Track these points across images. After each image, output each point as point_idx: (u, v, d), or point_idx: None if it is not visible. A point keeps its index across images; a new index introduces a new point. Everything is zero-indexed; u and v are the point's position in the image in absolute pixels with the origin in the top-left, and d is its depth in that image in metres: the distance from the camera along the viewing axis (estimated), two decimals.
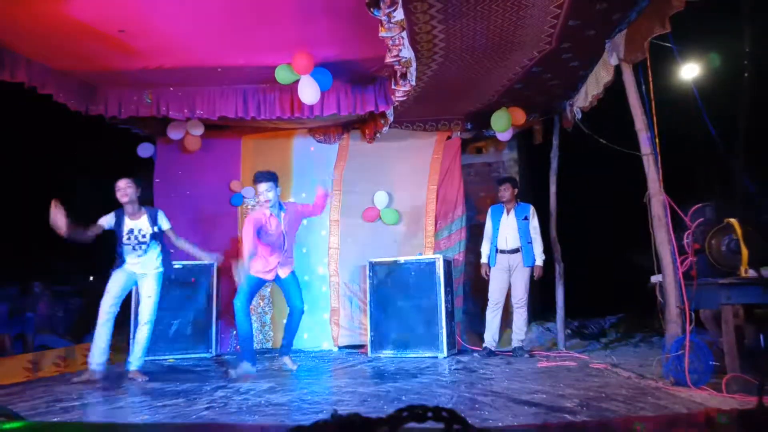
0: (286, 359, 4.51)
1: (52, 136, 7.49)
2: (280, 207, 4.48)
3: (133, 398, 3.45)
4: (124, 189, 4.24)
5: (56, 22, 3.91)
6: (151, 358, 5.40)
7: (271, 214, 4.42)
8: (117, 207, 4.34)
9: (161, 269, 4.41)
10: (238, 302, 4.27)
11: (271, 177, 4.35)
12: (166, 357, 5.35)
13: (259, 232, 4.38)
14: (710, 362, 3.21)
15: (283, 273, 4.50)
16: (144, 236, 4.31)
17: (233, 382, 3.89)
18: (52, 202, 3.95)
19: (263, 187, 4.31)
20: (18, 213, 7.78)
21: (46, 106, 4.92)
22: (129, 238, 4.29)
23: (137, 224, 4.31)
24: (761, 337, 3.40)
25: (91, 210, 4.34)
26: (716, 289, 3.25)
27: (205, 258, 4.60)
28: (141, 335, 4.29)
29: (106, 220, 4.30)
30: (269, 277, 4.47)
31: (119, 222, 4.29)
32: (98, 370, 4.13)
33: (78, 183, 7.59)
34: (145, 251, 4.33)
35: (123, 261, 4.32)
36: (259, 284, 4.51)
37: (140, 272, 4.35)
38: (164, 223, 4.41)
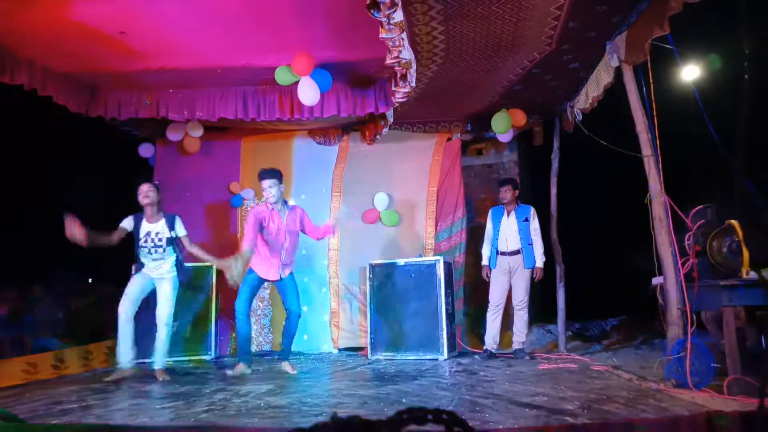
0: (285, 364, 4.46)
1: (52, 137, 7.48)
2: (286, 206, 4.47)
3: (133, 400, 3.44)
4: (146, 192, 4.41)
5: (57, 24, 3.91)
6: (150, 360, 5.40)
7: (272, 210, 4.40)
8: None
9: (175, 274, 4.51)
10: (239, 304, 4.33)
11: (274, 174, 4.37)
12: (165, 359, 5.33)
13: (262, 228, 4.38)
14: (711, 364, 3.20)
15: (283, 274, 4.48)
16: (161, 240, 4.42)
17: (231, 385, 3.88)
18: (66, 217, 3.94)
19: (265, 183, 4.34)
20: (18, 215, 7.78)
21: (46, 108, 4.92)
22: (146, 241, 4.41)
23: (154, 227, 4.44)
24: (762, 338, 3.39)
25: (91, 212, 4.33)
26: (717, 291, 3.25)
27: (216, 263, 4.47)
28: (160, 336, 4.45)
29: (127, 223, 4.44)
30: (270, 276, 4.43)
31: (137, 225, 4.43)
32: (127, 367, 4.31)
33: (78, 185, 7.59)
34: (162, 256, 4.43)
35: (142, 265, 4.45)
36: (259, 284, 4.49)
37: (156, 277, 4.47)
38: (180, 230, 4.51)
